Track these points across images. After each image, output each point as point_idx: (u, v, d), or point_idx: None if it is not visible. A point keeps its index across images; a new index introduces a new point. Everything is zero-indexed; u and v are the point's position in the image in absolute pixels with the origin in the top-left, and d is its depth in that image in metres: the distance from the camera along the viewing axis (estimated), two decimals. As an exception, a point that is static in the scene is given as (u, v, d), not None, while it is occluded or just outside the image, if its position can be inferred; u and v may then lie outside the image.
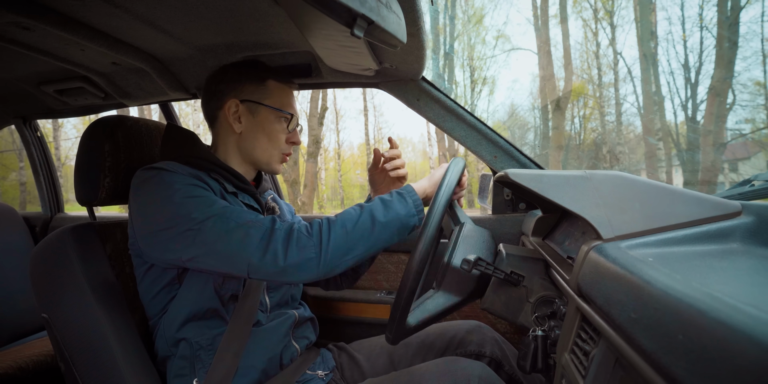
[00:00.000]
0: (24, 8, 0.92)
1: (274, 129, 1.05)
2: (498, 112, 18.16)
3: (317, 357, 1.10)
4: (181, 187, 0.87)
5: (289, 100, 1.08)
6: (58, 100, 1.73)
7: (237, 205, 0.97)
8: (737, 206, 0.66)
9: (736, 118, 11.21)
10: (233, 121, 1.04)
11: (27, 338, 1.75)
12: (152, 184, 0.88)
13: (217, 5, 0.96)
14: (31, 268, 0.96)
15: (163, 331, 0.92)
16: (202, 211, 0.83)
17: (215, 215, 0.83)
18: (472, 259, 0.85)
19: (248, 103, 1.03)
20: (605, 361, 0.58)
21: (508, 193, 1.45)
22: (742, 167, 11.48)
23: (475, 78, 17.15)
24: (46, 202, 2.29)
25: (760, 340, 0.30)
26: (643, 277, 0.47)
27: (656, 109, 12.42)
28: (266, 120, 1.05)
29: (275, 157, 1.08)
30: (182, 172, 0.91)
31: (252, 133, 1.05)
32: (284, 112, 1.05)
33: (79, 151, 1.06)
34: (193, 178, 0.91)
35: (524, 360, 0.85)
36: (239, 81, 1.04)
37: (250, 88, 1.04)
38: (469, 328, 1.16)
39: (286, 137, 1.08)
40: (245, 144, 1.05)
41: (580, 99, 15.13)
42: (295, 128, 1.11)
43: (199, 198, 0.86)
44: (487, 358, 1.10)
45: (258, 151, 1.06)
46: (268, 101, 1.04)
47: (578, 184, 0.73)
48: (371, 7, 0.59)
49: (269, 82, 1.05)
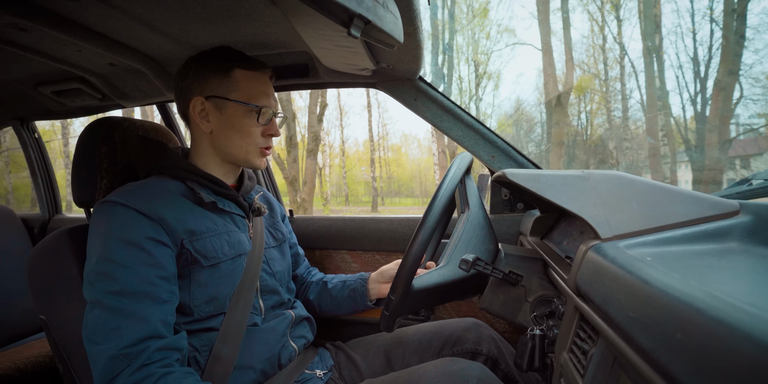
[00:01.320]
0: (21, 9, 0.91)
1: (245, 124, 0.98)
2: (503, 107, 18.07)
3: (315, 356, 1.10)
4: (107, 245, 0.81)
5: (259, 89, 0.99)
6: (55, 102, 1.73)
7: (211, 221, 0.95)
8: (735, 205, 0.66)
9: (748, 112, 10.88)
10: (200, 121, 0.98)
11: (25, 339, 1.75)
12: (93, 227, 0.86)
13: (213, 6, 0.96)
14: (28, 270, 0.96)
15: None
16: (96, 290, 0.78)
17: (99, 303, 0.77)
18: (470, 259, 0.85)
19: (214, 99, 0.97)
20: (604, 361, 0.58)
21: (506, 193, 1.45)
22: (753, 163, 11.12)
23: (480, 72, 17.10)
24: (44, 204, 2.29)
25: (758, 338, 0.30)
26: (641, 277, 0.47)
27: (660, 104, 12.23)
28: (235, 115, 0.97)
29: (253, 153, 1.01)
30: (127, 218, 0.84)
31: (222, 131, 0.98)
32: (251, 105, 0.97)
33: (76, 153, 1.06)
34: (137, 223, 0.84)
35: (521, 358, 0.85)
36: (203, 75, 0.97)
37: (215, 81, 0.97)
38: (466, 326, 1.16)
39: (261, 130, 1.00)
40: (218, 143, 1.00)
41: (587, 94, 14.99)
42: (271, 119, 1.02)
43: (111, 265, 0.80)
44: (483, 356, 1.10)
45: (233, 149, 0.99)
46: (235, 94, 0.97)
47: (576, 183, 0.73)
48: (368, 7, 0.59)
49: (235, 72, 0.97)
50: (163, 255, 0.84)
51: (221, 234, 0.95)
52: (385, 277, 1.19)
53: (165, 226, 0.86)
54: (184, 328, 0.88)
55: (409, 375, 0.93)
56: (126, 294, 0.78)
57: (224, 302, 0.93)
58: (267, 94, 1.01)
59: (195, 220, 0.91)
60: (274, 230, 1.15)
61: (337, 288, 1.23)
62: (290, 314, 1.06)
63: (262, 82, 1.01)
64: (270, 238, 1.11)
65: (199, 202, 0.95)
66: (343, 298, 1.21)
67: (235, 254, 0.95)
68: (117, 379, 0.73)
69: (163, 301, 0.82)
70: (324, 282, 1.27)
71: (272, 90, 1.04)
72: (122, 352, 0.74)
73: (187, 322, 0.89)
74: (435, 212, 0.82)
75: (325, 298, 1.25)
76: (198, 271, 0.89)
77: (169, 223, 0.87)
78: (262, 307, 1.01)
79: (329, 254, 1.69)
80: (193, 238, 0.89)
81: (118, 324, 0.75)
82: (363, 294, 1.19)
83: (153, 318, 0.78)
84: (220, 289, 0.92)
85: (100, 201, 0.88)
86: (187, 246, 0.88)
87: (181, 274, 0.89)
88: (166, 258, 0.85)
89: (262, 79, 1.01)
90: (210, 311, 0.91)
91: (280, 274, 1.08)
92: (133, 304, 0.78)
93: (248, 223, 1.05)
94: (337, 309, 1.24)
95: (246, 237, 1.01)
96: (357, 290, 1.19)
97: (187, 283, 0.89)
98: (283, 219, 1.28)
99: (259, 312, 1.00)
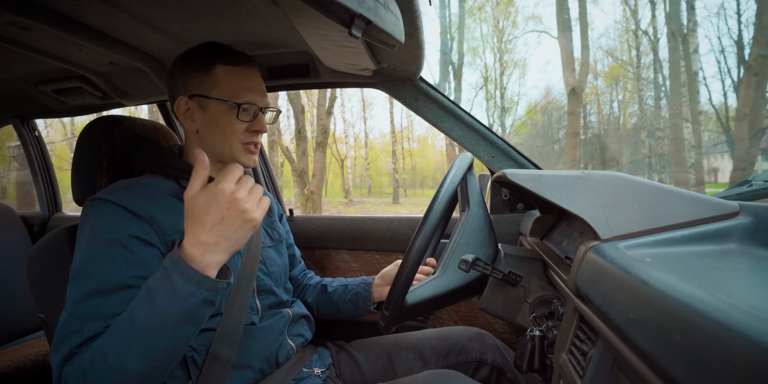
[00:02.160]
0: (22, 8, 0.91)
1: (227, 121, 0.94)
2: (529, 95, 17.70)
3: (314, 354, 1.10)
4: (91, 243, 0.80)
5: (241, 84, 0.95)
6: (56, 100, 1.73)
7: None
8: (735, 207, 0.66)
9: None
10: (186, 120, 0.96)
11: (25, 338, 1.75)
12: (82, 224, 0.85)
13: (214, 5, 0.96)
14: (28, 269, 0.96)
15: None
16: (72, 289, 0.77)
17: (69, 306, 0.75)
18: (470, 259, 0.85)
19: (197, 97, 0.94)
20: (603, 362, 0.58)
21: (506, 194, 1.45)
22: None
23: (505, 61, 16.86)
24: (44, 202, 2.29)
25: (757, 340, 0.30)
26: (641, 278, 0.47)
27: (684, 90, 11.15)
28: (217, 113, 0.94)
29: (237, 150, 0.97)
30: (115, 215, 0.83)
31: (207, 129, 0.96)
32: (230, 102, 0.93)
33: (75, 151, 1.06)
34: (124, 221, 0.82)
35: (521, 360, 0.85)
36: (186, 74, 0.95)
37: (197, 79, 0.94)
38: (471, 335, 1.16)
39: (246, 126, 0.96)
40: (205, 142, 0.97)
41: (618, 82, 14.48)
42: (257, 115, 0.97)
43: (92, 262, 0.78)
44: (488, 366, 1.10)
45: (217, 148, 0.97)
46: (216, 92, 0.93)
47: (576, 184, 0.73)
48: (369, 7, 0.59)
49: (216, 69, 0.94)
50: (147, 254, 0.82)
51: None
52: (386, 279, 1.19)
53: (154, 226, 0.85)
54: None
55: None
56: (98, 294, 0.76)
57: (220, 303, 0.92)
58: (250, 88, 0.96)
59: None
60: (271, 230, 1.15)
61: (338, 292, 1.23)
62: (287, 313, 1.05)
63: (246, 77, 0.96)
64: (267, 238, 1.11)
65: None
66: (344, 303, 1.21)
67: None
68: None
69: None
70: (323, 285, 1.26)
71: (258, 84, 0.99)
72: (75, 350, 0.72)
73: None
74: (427, 230, 0.82)
75: (324, 301, 1.24)
76: None
77: (160, 223, 0.85)
78: (259, 307, 1.01)
79: (329, 254, 1.69)
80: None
81: (80, 327, 0.73)
82: (366, 299, 1.18)
83: (118, 312, 0.76)
84: None
85: (90, 198, 0.87)
86: None
87: None
88: (151, 258, 0.82)
89: (245, 73, 0.96)
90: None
91: (276, 274, 1.08)
92: (103, 304, 0.75)
93: None
94: (336, 313, 1.24)
95: None
96: (360, 295, 1.19)
97: None
98: (281, 218, 1.27)
99: (257, 312, 1.00)
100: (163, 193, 0.92)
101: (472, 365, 1.11)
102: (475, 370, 1.11)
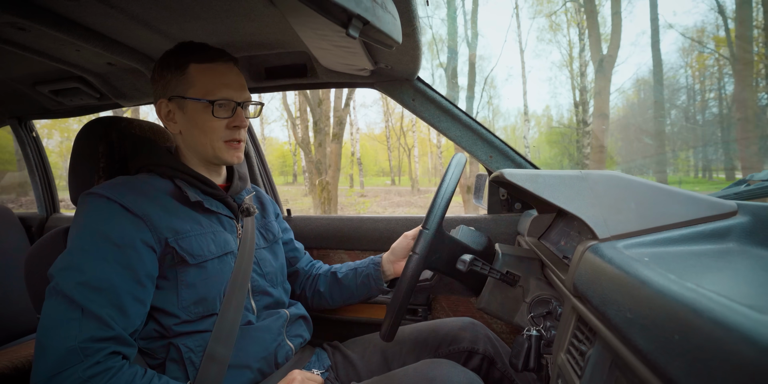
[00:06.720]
0: (19, 9, 0.91)
1: (205, 119, 0.94)
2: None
3: (312, 356, 1.10)
4: (83, 236, 0.81)
5: (215, 81, 0.94)
6: (53, 101, 1.72)
7: (196, 222, 0.94)
8: (733, 206, 0.66)
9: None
10: (168, 123, 0.97)
11: (23, 338, 1.75)
12: (75, 218, 0.85)
13: (212, 6, 0.95)
14: (26, 269, 0.96)
15: (153, 334, 0.91)
16: (61, 279, 0.76)
17: (61, 292, 0.75)
18: (467, 259, 0.85)
19: (176, 99, 0.95)
20: (601, 362, 0.58)
21: (503, 193, 1.45)
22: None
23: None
24: (41, 203, 2.28)
25: (756, 340, 0.30)
26: (639, 277, 0.47)
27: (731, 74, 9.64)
28: (195, 112, 0.94)
29: (219, 148, 0.97)
30: (109, 211, 0.84)
31: (188, 130, 0.96)
32: (203, 101, 0.93)
33: (73, 152, 1.06)
34: (118, 217, 0.83)
35: (517, 358, 0.85)
36: (164, 76, 0.96)
37: (174, 81, 0.94)
38: (462, 325, 1.16)
39: (225, 123, 0.96)
40: (188, 143, 0.98)
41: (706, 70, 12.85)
42: (236, 110, 0.97)
43: (83, 256, 0.79)
44: (480, 355, 1.10)
45: (200, 147, 0.97)
46: (192, 91, 0.93)
47: (574, 184, 0.73)
48: (366, 8, 0.59)
49: (190, 68, 0.94)
50: (139, 253, 0.83)
51: (206, 233, 0.94)
52: (397, 255, 1.18)
53: (148, 223, 0.85)
54: (176, 331, 0.87)
55: (389, 379, 0.93)
56: (91, 287, 0.76)
57: (214, 303, 0.92)
58: (225, 84, 0.95)
59: (179, 220, 0.91)
60: (265, 231, 1.14)
61: (348, 277, 1.22)
62: (285, 313, 1.05)
63: (219, 73, 0.95)
64: (261, 239, 1.11)
65: (186, 201, 0.94)
66: (356, 286, 1.20)
67: (221, 253, 0.94)
68: (68, 371, 0.70)
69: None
70: (332, 272, 1.26)
71: (235, 79, 0.97)
72: (81, 345, 0.72)
73: (178, 324, 0.88)
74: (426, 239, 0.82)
75: (337, 288, 1.23)
76: (185, 270, 0.88)
77: (153, 221, 0.86)
78: (254, 308, 1.00)
79: (326, 254, 1.68)
80: (178, 236, 0.88)
81: (77, 315, 0.74)
82: (378, 278, 1.18)
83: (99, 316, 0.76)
84: (208, 290, 0.91)
85: (84, 192, 0.87)
86: (173, 244, 0.87)
87: (167, 275, 0.88)
88: (143, 256, 0.84)
89: (219, 69, 0.95)
90: (200, 312, 0.89)
91: (271, 275, 1.07)
92: (97, 297, 0.76)
93: (236, 224, 1.04)
94: (350, 298, 1.23)
95: (233, 237, 1.00)
96: (371, 275, 1.18)
97: (174, 284, 0.88)
98: (277, 217, 1.27)
99: (252, 312, 1.00)
100: (159, 192, 0.92)
101: (464, 355, 1.11)
102: (466, 360, 1.11)
